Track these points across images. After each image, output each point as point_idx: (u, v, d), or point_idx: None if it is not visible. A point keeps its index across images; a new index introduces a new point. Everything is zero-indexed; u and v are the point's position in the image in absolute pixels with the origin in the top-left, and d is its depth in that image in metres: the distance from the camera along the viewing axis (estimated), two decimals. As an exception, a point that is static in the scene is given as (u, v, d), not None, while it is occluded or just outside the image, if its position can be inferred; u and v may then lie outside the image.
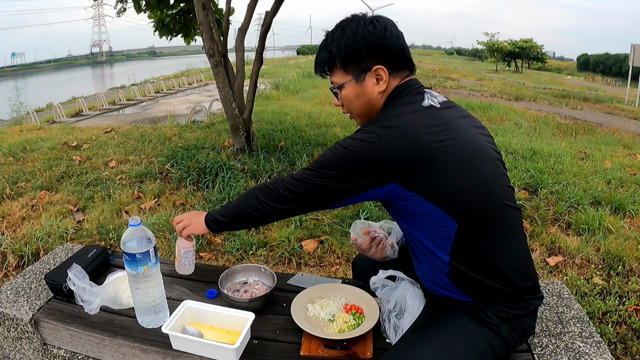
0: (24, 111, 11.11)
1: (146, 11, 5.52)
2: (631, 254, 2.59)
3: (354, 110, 1.16)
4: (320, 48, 1.15)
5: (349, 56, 1.08)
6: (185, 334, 1.18)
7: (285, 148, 4.66)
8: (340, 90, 1.14)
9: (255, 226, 1.86)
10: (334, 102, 1.20)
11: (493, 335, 1.04)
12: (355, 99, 1.13)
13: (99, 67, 66.39)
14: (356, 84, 1.10)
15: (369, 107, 1.13)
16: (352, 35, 1.06)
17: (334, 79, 1.14)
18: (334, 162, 1.04)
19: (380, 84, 1.09)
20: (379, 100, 1.12)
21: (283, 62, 28.76)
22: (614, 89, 21.07)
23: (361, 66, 1.08)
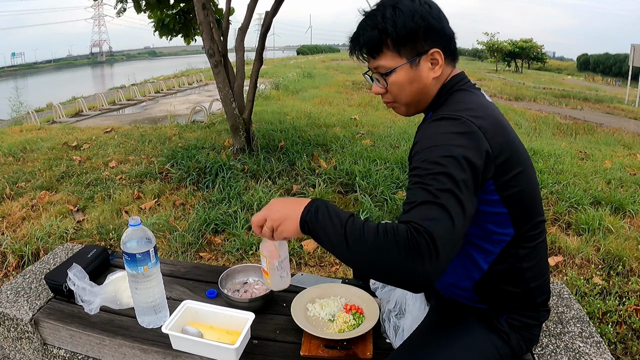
0: (24, 111, 11.11)
1: (146, 11, 5.53)
2: (631, 254, 2.59)
3: (403, 98, 1.03)
4: (363, 27, 1.00)
5: (406, 36, 0.96)
6: (185, 334, 1.18)
7: (285, 148, 4.66)
8: (388, 76, 1.00)
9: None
10: (374, 89, 1.06)
11: (502, 343, 1.03)
12: (407, 85, 1.01)
13: (99, 67, 66.39)
14: (410, 68, 0.99)
15: (422, 94, 1.03)
16: (409, 14, 0.95)
17: (383, 63, 1.00)
18: (454, 165, 0.84)
19: (436, 69, 1.00)
20: (432, 87, 1.02)
21: (283, 62, 28.77)
22: (614, 89, 21.08)
23: (416, 49, 0.98)
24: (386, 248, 0.78)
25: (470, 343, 1.02)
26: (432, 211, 0.80)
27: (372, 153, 4.41)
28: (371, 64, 1.03)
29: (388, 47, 0.98)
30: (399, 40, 0.96)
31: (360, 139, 5.29)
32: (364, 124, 6.52)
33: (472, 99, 0.99)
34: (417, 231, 0.77)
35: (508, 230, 0.98)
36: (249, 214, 3.14)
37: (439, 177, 0.82)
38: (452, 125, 0.90)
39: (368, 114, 7.60)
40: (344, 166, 3.95)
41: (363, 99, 9.58)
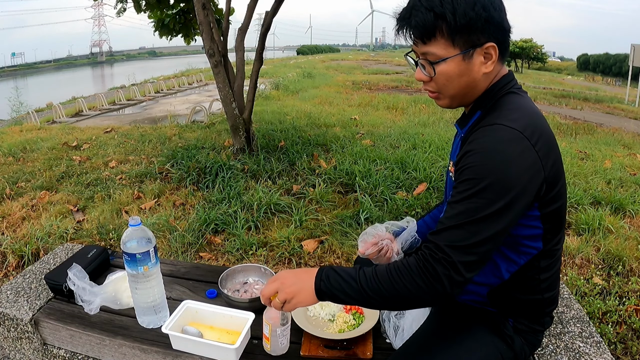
0: (24, 111, 11.11)
1: (146, 11, 5.52)
2: (631, 254, 2.59)
3: (449, 90, 0.97)
4: (415, 6, 0.91)
5: (464, 26, 0.88)
6: (185, 334, 1.18)
7: (285, 148, 4.66)
8: (437, 65, 0.93)
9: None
10: (418, 75, 0.98)
11: (506, 347, 1.03)
12: (456, 78, 0.94)
13: (99, 67, 66.40)
14: (462, 60, 0.92)
15: (469, 88, 0.97)
16: (471, 2, 0.88)
17: (433, 50, 0.92)
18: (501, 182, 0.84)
19: (488, 64, 0.93)
20: (482, 82, 0.96)
21: (283, 62, 28.77)
22: (614, 89, 21.07)
23: (472, 40, 0.90)
24: (402, 283, 0.86)
25: (474, 346, 1.01)
26: (456, 237, 0.84)
27: (372, 153, 4.41)
28: (419, 48, 0.94)
29: (442, 34, 0.90)
30: (455, 28, 0.89)
31: (360, 139, 5.29)
32: (364, 124, 6.52)
33: (525, 105, 0.94)
34: (433, 258, 0.84)
35: (537, 244, 0.97)
36: (249, 214, 3.14)
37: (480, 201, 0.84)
38: (512, 144, 0.85)
39: (368, 114, 7.60)
40: (344, 166, 3.95)
41: (363, 99, 9.58)
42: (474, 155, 0.86)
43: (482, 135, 0.88)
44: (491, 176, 0.83)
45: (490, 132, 0.88)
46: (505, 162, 0.84)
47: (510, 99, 0.95)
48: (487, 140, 0.87)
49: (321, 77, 15.63)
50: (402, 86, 13.65)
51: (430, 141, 4.92)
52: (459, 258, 0.83)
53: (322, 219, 3.08)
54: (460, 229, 0.84)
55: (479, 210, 0.83)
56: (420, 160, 4.14)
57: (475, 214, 0.83)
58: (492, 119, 0.91)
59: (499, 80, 0.98)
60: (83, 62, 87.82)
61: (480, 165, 0.85)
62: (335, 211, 3.21)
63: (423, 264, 0.84)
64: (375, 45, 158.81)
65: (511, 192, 0.83)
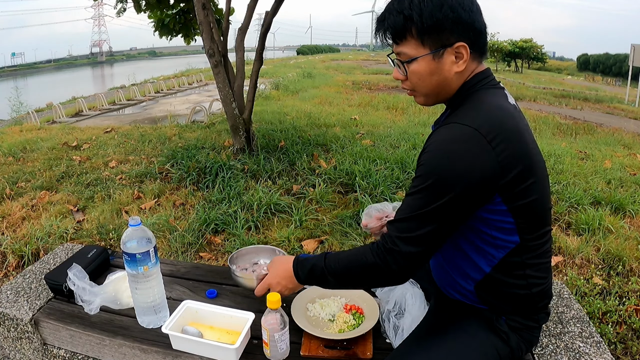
0: (24, 111, 11.10)
1: (146, 11, 5.53)
2: (631, 254, 2.59)
3: (422, 88, 1.01)
4: (389, 10, 0.97)
5: (431, 27, 0.92)
6: (185, 334, 1.18)
7: (285, 148, 4.66)
8: (409, 64, 0.98)
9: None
10: (395, 74, 1.04)
11: (502, 344, 1.03)
12: (427, 77, 0.98)
13: (99, 67, 66.40)
14: (432, 59, 0.96)
15: (441, 87, 1.00)
16: (438, 3, 0.92)
17: (405, 50, 0.97)
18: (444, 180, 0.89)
19: (459, 64, 0.96)
20: (454, 81, 0.99)
21: (283, 62, 28.76)
22: (614, 89, 21.07)
23: (441, 40, 0.94)
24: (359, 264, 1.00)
25: (470, 342, 1.02)
26: (401, 230, 0.94)
27: (372, 153, 4.41)
28: (395, 48, 1.00)
29: (412, 34, 0.95)
30: (423, 29, 0.93)
31: (360, 139, 5.29)
32: (364, 124, 6.52)
33: (492, 100, 0.96)
34: (385, 247, 0.96)
35: (513, 237, 0.97)
36: (249, 214, 3.14)
37: (428, 197, 0.91)
38: (462, 143, 0.89)
39: (368, 114, 7.60)
40: (344, 166, 3.95)
41: (363, 99, 9.58)
42: (425, 153, 0.93)
43: (437, 134, 0.94)
44: (435, 174, 0.89)
45: (443, 131, 0.93)
46: (451, 160, 0.89)
47: (477, 97, 0.98)
48: (438, 138, 0.93)
49: (321, 77, 15.63)
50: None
51: (430, 141, 4.91)
52: (405, 249, 0.92)
53: (322, 219, 3.09)
54: (408, 221, 0.93)
55: (424, 205, 0.91)
56: (420, 160, 4.14)
57: (421, 209, 0.91)
58: (452, 117, 0.96)
59: (471, 79, 1.00)
60: (83, 62, 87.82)
61: (427, 163, 0.91)
62: (335, 211, 3.21)
63: (376, 252, 0.96)
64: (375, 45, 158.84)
65: (455, 189, 0.88)
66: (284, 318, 1.12)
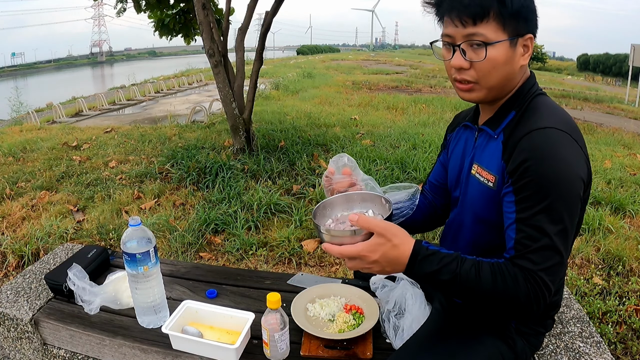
0: (24, 111, 11.10)
1: (146, 11, 5.53)
2: (631, 254, 2.59)
3: (489, 80, 0.91)
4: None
5: (516, 12, 0.86)
6: (185, 334, 1.18)
7: (285, 148, 4.66)
8: (486, 48, 0.88)
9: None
10: (457, 61, 0.91)
11: (507, 348, 1.02)
12: (501, 66, 0.90)
13: (99, 67, 66.41)
14: (509, 46, 0.89)
15: (507, 80, 0.93)
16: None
17: (484, 31, 0.87)
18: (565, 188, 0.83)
19: (525, 57, 0.92)
20: (517, 76, 0.94)
21: (283, 62, 28.76)
22: (614, 89, 21.06)
23: (518, 28, 0.88)
24: (506, 298, 0.82)
25: (475, 346, 1.01)
26: (550, 259, 0.82)
27: (372, 153, 4.41)
28: (466, 29, 0.88)
29: (495, 16, 0.86)
30: (508, 13, 0.86)
31: (360, 139, 5.29)
32: (364, 124, 6.52)
33: (559, 107, 0.94)
34: (537, 284, 0.81)
35: None
36: (249, 214, 3.14)
37: (556, 213, 0.82)
38: (568, 148, 0.85)
39: (368, 114, 7.60)
40: (344, 166, 3.94)
41: (363, 99, 9.58)
42: (535, 164, 0.84)
43: (539, 141, 0.85)
44: (559, 185, 0.82)
45: (540, 137, 0.85)
46: (564, 166, 0.83)
47: (542, 101, 0.95)
48: (545, 146, 0.84)
49: (321, 77, 15.63)
50: (402, 86, 13.65)
51: (430, 141, 4.92)
52: (550, 277, 0.82)
53: (322, 219, 3.08)
54: (545, 249, 0.82)
55: (556, 222, 0.82)
56: (420, 160, 4.15)
57: (555, 227, 0.82)
58: (535, 121, 0.89)
59: (528, 80, 0.97)
60: (83, 62, 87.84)
61: (545, 175, 0.83)
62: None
63: (532, 288, 0.81)
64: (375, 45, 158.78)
65: (577, 193, 0.84)
66: (284, 318, 1.11)
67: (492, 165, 0.96)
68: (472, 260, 0.85)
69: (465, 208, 1.07)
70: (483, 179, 0.98)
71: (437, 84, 14.69)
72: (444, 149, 1.25)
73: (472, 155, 1.05)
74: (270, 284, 1.50)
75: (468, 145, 1.09)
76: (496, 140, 0.97)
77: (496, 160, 0.94)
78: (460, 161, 1.11)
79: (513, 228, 0.86)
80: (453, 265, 0.84)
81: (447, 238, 1.18)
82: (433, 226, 1.32)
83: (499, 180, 0.93)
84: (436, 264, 0.84)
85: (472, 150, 1.06)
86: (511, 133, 0.92)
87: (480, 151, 1.03)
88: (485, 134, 1.02)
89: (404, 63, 27.08)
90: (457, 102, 8.84)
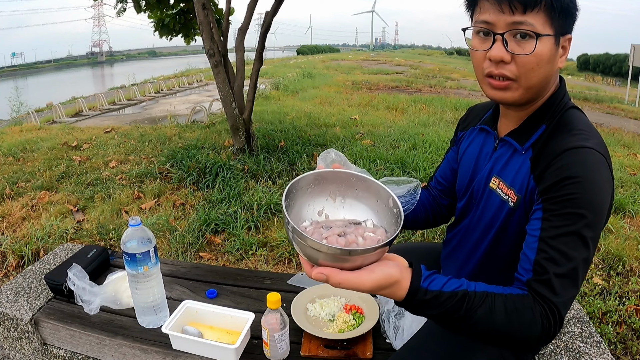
0: (24, 111, 11.10)
1: (146, 11, 5.53)
2: (631, 254, 2.59)
3: (532, 77, 0.82)
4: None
5: (564, 8, 0.79)
6: (185, 334, 1.18)
7: (285, 148, 4.66)
8: (536, 40, 0.79)
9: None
10: (497, 52, 0.81)
11: (508, 351, 1.01)
12: (544, 64, 0.81)
13: (99, 67, 66.42)
14: (554, 43, 0.81)
15: (546, 82, 0.86)
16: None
17: (533, 21, 0.78)
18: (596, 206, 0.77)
19: (563, 59, 0.85)
20: (553, 80, 0.88)
21: (283, 62, 28.75)
22: (614, 89, 21.05)
23: (563, 26, 0.81)
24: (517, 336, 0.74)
25: (476, 347, 1.00)
26: (570, 289, 0.76)
27: (372, 153, 4.41)
28: (514, 16, 0.79)
29: (546, 8, 0.78)
30: (558, 6, 0.78)
31: (360, 139, 5.29)
32: (364, 124, 6.52)
33: (590, 123, 0.88)
34: (554, 318, 0.74)
35: None
36: (249, 214, 3.14)
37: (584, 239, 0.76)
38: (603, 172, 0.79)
39: (368, 114, 7.60)
40: (344, 166, 3.94)
41: (363, 99, 9.57)
42: (571, 185, 0.76)
43: (576, 162, 0.78)
44: (592, 211, 0.76)
45: (583, 159, 0.78)
46: (600, 192, 0.78)
47: (577, 116, 0.88)
48: (584, 168, 0.77)
49: (321, 77, 15.63)
50: (402, 86, 13.65)
51: (430, 141, 4.92)
52: (565, 311, 0.77)
53: (322, 219, 3.08)
54: (566, 277, 0.75)
55: (583, 249, 0.76)
56: (420, 160, 4.15)
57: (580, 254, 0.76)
58: (573, 139, 0.81)
59: (559, 89, 0.90)
60: (83, 62, 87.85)
61: (581, 198, 0.76)
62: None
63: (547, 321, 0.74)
64: (375, 45, 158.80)
65: (602, 225, 0.80)
66: (284, 318, 1.11)
67: (516, 182, 0.88)
68: (482, 295, 0.73)
69: (480, 224, 0.99)
70: (507, 197, 0.90)
71: (437, 84, 14.69)
72: (453, 145, 1.19)
73: (490, 167, 0.97)
74: (270, 284, 1.50)
75: (484, 152, 1.02)
76: (523, 155, 0.89)
77: (521, 178, 0.87)
78: (474, 167, 1.04)
79: (534, 247, 0.78)
80: (457, 306, 0.72)
81: (453, 248, 1.12)
82: (435, 224, 1.26)
83: (521, 200, 0.86)
84: (436, 307, 0.72)
85: (491, 160, 0.98)
86: (542, 149, 0.84)
87: (501, 164, 0.94)
88: (508, 146, 0.94)
89: (404, 63, 27.08)
90: (457, 102, 8.83)
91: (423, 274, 0.73)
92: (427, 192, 1.24)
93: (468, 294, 0.73)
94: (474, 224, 1.03)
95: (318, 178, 0.78)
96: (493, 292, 0.75)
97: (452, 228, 1.15)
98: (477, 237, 1.02)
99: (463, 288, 0.73)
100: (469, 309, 0.72)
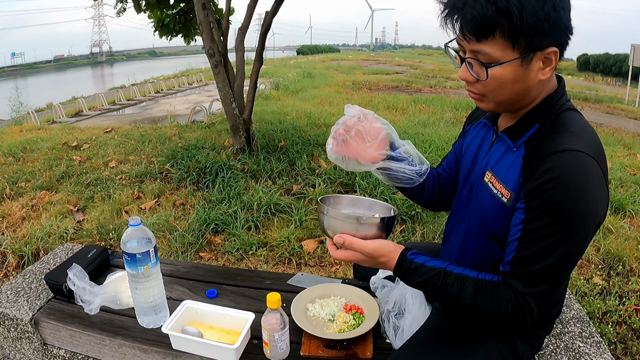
0: (24, 111, 11.11)
1: (146, 11, 5.53)
2: (631, 254, 2.59)
3: (497, 96, 0.86)
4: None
5: (530, 28, 0.76)
6: (185, 334, 1.18)
7: (285, 148, 4.66)
8: (491, 68, 0.81)
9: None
10: (463, 74, 0.86)
11: (507, 350, 1.02)
12: (509, 84, 0.83)
13: (99, 67, 66.38)
14: (520, 65, 0.80)
15: (520, 96, 0.86)
16: (541, 0, 0.76)
17: (488, 50, 0.80)
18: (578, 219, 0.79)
19: (546, 71, 0.82)
20: (535, 90, 0.86)
21: (283, 62, 28.75)
22: (614, 89, 21.05)
23: (534, 43, 0.78)
24: (485, 315, 0.87)
25: (477, 348, 1.01)
26: (542, 284, 0.82)
27: (372, 153, 4.40)
28: (471, 45, 0.81)
29: (502, 33, 0.77)
30: (519, 29, 0.76)
31: (360, 139, 5.28)
32: (364, 124, 6.51)
33: (588, 126, 0.86)
34: (521, 306, 0.83)
35: None
36: (249, 214, 3.14)
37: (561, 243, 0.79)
38: (592, 176, 0.78)
39: (368, 114, 7.59)
40: (344, 166, 3.94)
41: (363, 99, 9.57)
42: (555, 189, 0.77)
43: (563, 165, 0.78)
44: (574, 217, 0.77)
45: (571, 162, 0.78)
46: (584, 195, 0.77)
47: (572, 117, 0.87)
48: (570, 173, 0.77)
49: (321, 77, 15.63)
50: (402, 86, 13.65)
51: (430, 141, 4.92)
52: (536, 302, 0.83)
53: (322, 219, 3.08)
54: (540, 275, 0.81)
55: (559, 252, 0.79)
56: (420, 160, 4.13)
57: (555, 256, 0.79)
58: (563, 141, 0.81)
59: (556, 92, 0.89)
60: (83, 62, 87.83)
61: (563, 204, 0.77)
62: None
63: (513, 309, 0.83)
64: (375, 45, 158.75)
65: (590, 228, 0.80)
66: (284, 318, 1.11)
67: (508, 179, 0.89)
68: (457, 276, 0.89)
69: (474, 217, 1.01)
70: (497, 191, 0.92)
71: (437, 84, 14.69)
72: (460, 137, 1.20)
73: (486, 160, 0.99)
74: (270, 284, 1.50)
75: (483, 146, 1.03)
76: (515, 152, 0.90)
77: (513, 175, 0.88)
78: (473, 160, 1.05)
79: (515, 244, 0.84)
80: (435, 279, 0.89)
81: (450, 242, 1.13)
82: (436, 208, 1.26)
83: (515, 198, 0.87)
84: (419, 276, 0.91)
85: (487, 154, 0.99)
86: (534, 148, 0.85)
87: (495, 159, 0.96)
88: (503, 142, 0.95)
89: (404, 63, 27.08)
90: (457, 102, 8.83)
91: (411, 250, 0.93)
92: (436, 173, 1.26)
93: (445, 272, 0.89)
94: (471, 221, 1.03)
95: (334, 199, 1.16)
96: (467, 274, 0.89)
97: (451, 219, 1.16)
98: (475, 236, 1.02)
99: (442, 267, 0.90)
100: (443, 283, 0.88)
